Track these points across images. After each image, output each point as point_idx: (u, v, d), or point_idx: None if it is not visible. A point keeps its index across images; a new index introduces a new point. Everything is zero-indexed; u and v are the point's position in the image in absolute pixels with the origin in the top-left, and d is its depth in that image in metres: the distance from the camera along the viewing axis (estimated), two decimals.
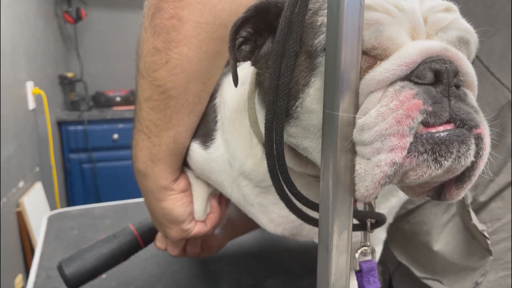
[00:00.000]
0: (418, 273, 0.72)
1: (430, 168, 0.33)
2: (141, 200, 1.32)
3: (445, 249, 0.69)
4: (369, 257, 0.47)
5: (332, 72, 0.32)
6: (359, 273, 0.47)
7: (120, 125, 2.72)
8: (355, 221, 0.48)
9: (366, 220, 0.46)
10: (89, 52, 3.06)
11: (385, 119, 0.33)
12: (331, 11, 0.31)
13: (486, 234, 0.63)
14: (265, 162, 0.45)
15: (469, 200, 0.67)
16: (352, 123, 0.34)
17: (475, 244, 0.66)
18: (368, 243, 0.47)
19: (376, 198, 0.37)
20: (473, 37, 0.39)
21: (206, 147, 0.58)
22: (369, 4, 0.35)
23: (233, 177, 0.56)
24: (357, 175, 0.34)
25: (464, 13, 0.40)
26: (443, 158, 0.33)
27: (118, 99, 2.91)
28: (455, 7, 0.39)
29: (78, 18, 2.84)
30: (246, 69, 0.54)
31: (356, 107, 0.34)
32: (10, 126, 1.77)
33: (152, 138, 0.56)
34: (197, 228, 0.65)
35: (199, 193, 0.65)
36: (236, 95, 0.54)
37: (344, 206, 0.34)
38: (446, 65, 0.34)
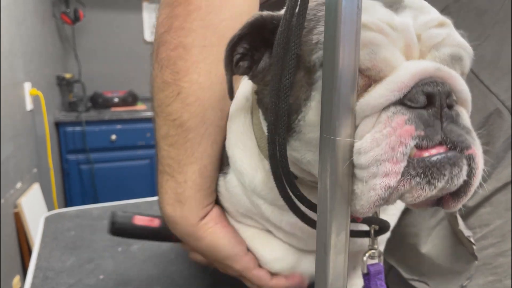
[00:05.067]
0: (405, 275, 0.72)
1: (424, 190, 0.34)
2: (139, 200, 1.32)
3: (432, 251, 0.69)
4: (376, 260, 0.47)
5: (329, 75, 0.32)
6: (367, 276, 0.47)
7: (118, 126, 2.72)
8: (361, 227, 0.48)
9: (369, 226, 0.46)
10: (87, 53, 3.06)
11: (379, 145, 0.34)
12: (328, 22, 0.32)
13: (472, 239, 0.64)
14: None
15: None
16: (352, 125, 0.35)
17: (462, 249, 0.67)
18: (376, 246, 0.48)
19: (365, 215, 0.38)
20: (467, 51, 0.39)
21: (225, 174, 0.55)
22: (364, 22, 0.35)
23: (249, 197, 0.53)
24: (354, 194, 0.35)
25: (456, 21, 0.40)
26: (436, 180, 0.34)
27: (116, 100, 2.91)
28: (448, 21, 0.39)
29: (76, 19, 2.84)
30: (249, 84, 0.53)
31: (354, 109, 0.35)
32: (7, 127, 1.76)
33: (176, 176, 0.53)
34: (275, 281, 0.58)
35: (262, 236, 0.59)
36: (242, 112, 0.53)
37: (342, 206, 0.34)
38: (439, 87, 0.35)
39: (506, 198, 0.65)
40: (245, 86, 0.55)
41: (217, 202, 0.59)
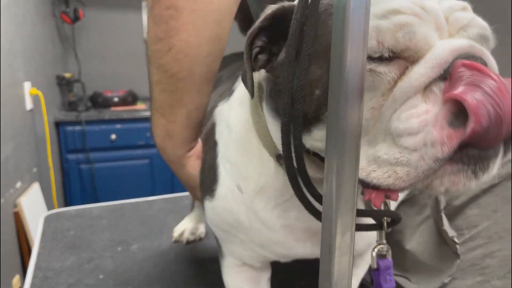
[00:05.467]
0: None
1: (467, 178, 0.35)
2: (138, 200, 1.32)
3: (416, 249, 0.70)
4: (385, 256, 0.48)
5: (337, 73, 0.32)
6: (376, 271, 0.47)
7: (118, 126, 2.72)
8: (371, 221, 0.48)
9: (382, 219, 0.46)
10: (87, 52, 3.05)
11: (427, 124, 0.34)
12: (337, 15, 0.31)
13: (455, 239, 0.66)
14: (280, 175, 0.46)
15: (442, 205, 0.68)
16: (359, 125, 0.35)
17: (445, 248, 0.67)
18: (384, 241, 0.48)
19: (403, 190, 0.37)
20: (491, 34, 0.40)
21: (213, 192, 0.59)
22: (397, 7, 0.36)
23: (246, 204, 0.55)
24: (399, 161, 0.35)
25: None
26: (481, 172, 0.35)
27: (116, 99, 2.91)
28: (469, 7, 0.40)
29: (76, 18, 2.84)
30: (242, 89, 0.55)
31: (361, 109, 0.35)
32: (7, 127, 1.76)
33: (167, 116, 0.61)
34: None
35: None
36: (239, 116, 0.56)
37: (347, 206, 0.34)
38: (476, 61, 0.35)
39: (494, 199, 0.66)
40: (239, 91, 0.57)
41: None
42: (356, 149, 0.34)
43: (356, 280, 0.69)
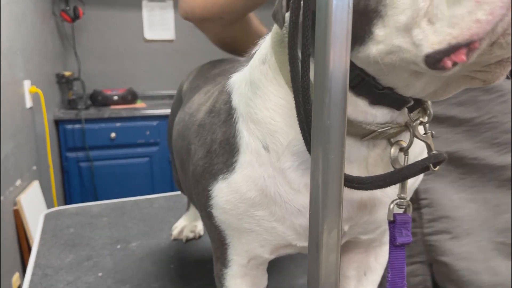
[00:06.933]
0: None
1: None
2: (137, 198, 1.32)
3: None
4: (405, 211, 0.47)
5: (322, 72, 0.33)
6: (392, 224, 0.47)
7: (118, 124, 2.72)
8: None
9: (427, 164, 0.45)
10: (87, 51, 3.06)
11: None
12: (320, 15, 0.32)
13: None
14: None
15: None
16: (344, 123, 0.34)
17: None
18: (405, 195, 0.47)
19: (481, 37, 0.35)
20: None
21: (231, 167, 0.54)
22: None
23: (273, 164, 0.52)
24: (453, 14, 0.34)
25: None
26: None
27: (115, 98, 2.91)
28: None
29: (76, 16, 2.84)
30: (263, 50, 0.53)
31: (345, 106, 0.35)
32: (7, 125, 1.77)
33: None
34: None
35: None
36: (264, 71, 0.52)
37: (333, 204, 0.35)
38: None
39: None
40: (259, 53, 0.54)
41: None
42: (341, 146, 0.34)
43: (372, 286, 0.68)
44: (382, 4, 0.37)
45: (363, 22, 0.38)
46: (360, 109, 0.45)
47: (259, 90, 0.52)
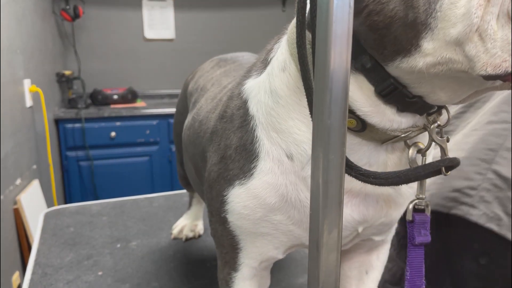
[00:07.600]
0: None
1: None
2: (137, 197, 1.33)
3: None
4: (423, 210, 0.48)
5: (322, 72, 0.33)
6: (411, 224, 0.47)
7: (118, 123, 2.72)
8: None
9: (441, 167, 0.46)
10: (87, 50, 3.06)
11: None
12: (321, 16, 0.32)
13: None
14: None
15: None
16: (344, 122, 0.34)
17: None
18: (423, 196, 0.48)
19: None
20: None
21: (250, 172, 0.54)
22: None
23: (297, 172, 0.52)
24: (505, 38, 0.34)
25: None
26: None
27: (115, 97, 2.91)
28: None
29: (76, 16, 2.84)
30: (283, 55, 0.52)
31: (346, 106, 0.35)
32: (7, 124, 1.77)
33: None
34: None
35: None
36: (285, 80, 0.51)
37: (334, 204, 0.35)
38: None
39: None
40: (277, 59, 0.54)
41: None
42: (342, 146, 0.34)
43: (374, 285, 0.68)
44: (432, 17, 0.37)
45: (410, 34, 0.38)
46: (388, 118, 0.45)
47: (281, 99, 0.52)
